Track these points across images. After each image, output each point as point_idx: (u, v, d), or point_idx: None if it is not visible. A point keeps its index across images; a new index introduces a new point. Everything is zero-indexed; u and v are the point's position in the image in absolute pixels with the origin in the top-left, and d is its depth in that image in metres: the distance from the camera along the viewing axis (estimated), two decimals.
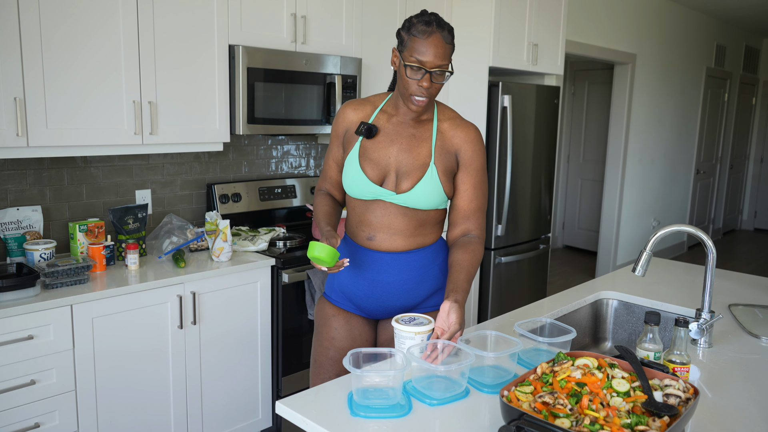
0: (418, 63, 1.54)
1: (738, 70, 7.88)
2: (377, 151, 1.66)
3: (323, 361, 1.76)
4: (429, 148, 1.66)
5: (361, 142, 1.67)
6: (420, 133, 1.67)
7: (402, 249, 1.68)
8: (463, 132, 1.68)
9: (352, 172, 1.67)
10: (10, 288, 1.96)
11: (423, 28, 1.54)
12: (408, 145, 1.66)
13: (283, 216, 3.23)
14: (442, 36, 1.54)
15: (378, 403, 1.28)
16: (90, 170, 2.61)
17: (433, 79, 1.57)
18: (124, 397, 2.24)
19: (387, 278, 1.69)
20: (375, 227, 1.68)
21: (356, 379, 1.30)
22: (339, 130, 1.74)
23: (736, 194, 8.72)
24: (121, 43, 2.29)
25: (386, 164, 1.66)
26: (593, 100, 6.82)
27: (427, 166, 1.64)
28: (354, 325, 1.76)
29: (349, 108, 1.74)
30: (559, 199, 7.12)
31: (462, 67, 3.62)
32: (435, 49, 1.53)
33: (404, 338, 1.48)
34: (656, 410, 1.12)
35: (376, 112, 1.71)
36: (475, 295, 3.72)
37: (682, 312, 2.01)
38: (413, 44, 1.55)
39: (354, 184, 1.67)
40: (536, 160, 3.89)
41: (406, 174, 1.64)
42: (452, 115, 1.71)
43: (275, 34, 2.76)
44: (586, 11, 4.97)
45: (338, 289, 1.78)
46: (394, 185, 1.66)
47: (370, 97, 1.76)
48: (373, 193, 1.65)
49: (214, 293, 2.45)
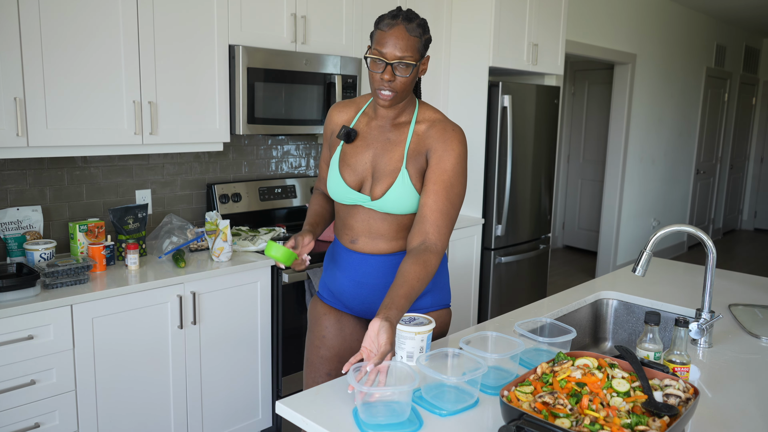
0: (379, 54, 1.50)
1: (738, 70, 7.88)
2: (355, 156, 1.65)
3: (314, 360, 1.76)
4: (402, 152, 1.60)
5: (342, 146, 1.67)
6: (395, 137, 1.62)
7: (384, 252, 1.67)
8: (438, 132, 1.58)
9: (332, 177, 1.66)
10: (10, 288, 1.96)
11: (388, 21, 1.51)
12: (382, 149, 1.62)
13: (283, 216, 3.23)
14: (407, 28, 1.49)
15: (388, 421, 1.22)
16: (90, 170, 2.61)
17: (396, 71, 1.50)
18: (124, 397, 2.24)
19: (371, 281, 1.69)
20: (357, 231, 1.67)
21: (360, 395, 1.25)
22: (327, 132, 1.75)
23: (736, 194, 8.71)
24: (121, 43, 2.29)
25: (363, 170, 1.64)
26: (593, 100, 6.82)
27: (398, 171, 1.59)
28: (345, 323, 1.76)
29: (335, 110, 1.74)
30: (559, 199, 7.12)
31: (462, 67, 3.62)
32: (395, 41, 1.49)
33: (405, 338, 1.46)
34: (656, 410, 1.12)
35: (358, 114, 1.69)
36: (475, 295, 3.72)
37: (682, 312, 2.01)
38: (377, 37, 1.52)
39: (334, 189, 1.66)
40: (536, 160, 3.89)
41: (379, 179, 1.61)
42: (433, 117, 1.63)
43: (275, 34, 2.76)
44: (586, 11, 4.97)
45: (328, 289, 1.79)
46: (369, 191, 1.63)
47: (357, 98, 1.75)
48: (352, 198, 1.64)
49: (214, 293, 2.45)
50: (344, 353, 1.75)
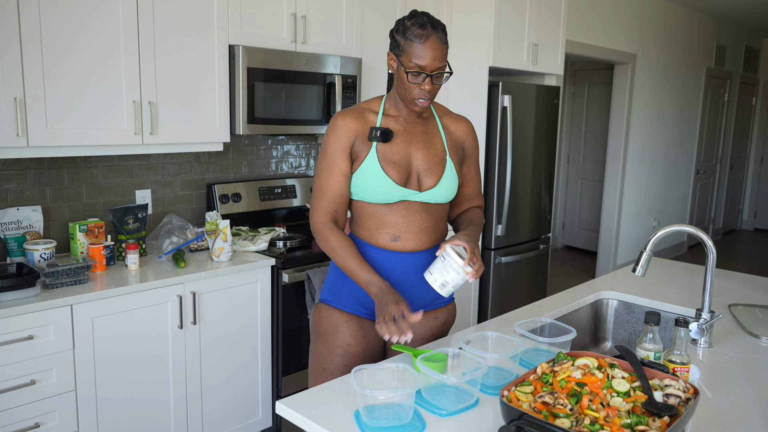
0: (419, 68, 1.56)
1: (738, 70, 7.88)
2: (397, 153, 1.65)
3: (335, 368, 1.71)
4: (442, 143, 1.72)
5: (377, 147, 1.64)
6: (429, 129, 1.72)
7: (426, 246, 1.69)
8: (463, 125, 1.79)
9: (374, 178, 1.63)
10: (10, 288, 1.96)
11: (419, 31, 1.54)
12: (424, 142, 1.69)
13: (283, 216, 3.23)
14: (438, 38, 1.56)
15: (390, 424, 1.22)
16: (90, 170, 2.61)
17: (434, 80, 1.59)
18: (124, 398, 2.24)
19: (410, 278, 1.68)
20: (400, 228, 1.67)
21: (362, 397, 1.24)
22: (343, 141, 1.65)
23: (736, 194, 8.71)
24: (121, 43, 2.29)
25: (408, 164, 1.66)
26: (593, 100, 6.82)
27: (445, 161, 1.70)
28: (367, 329, 1.73)
29: (348, 118, 1.67)
30: (559, 199, 7.12)
31: (462, 67, 3.62)
32: (433, 53, 1.55)
33: (452, 269, 1.53)
34: (656, 410, 1.12)
35: (380, 117, 1.69)
36: (475, 295, 3.72)
37: (682, 312, 2.01)
38: (411, 49, 1.55)
39: (378, 189, 1.63)
40: (536, 160, 3.89)
41: (428, 171, 1.67)
42: (446, 110, 1.80)
43: (275, 34, 2.76)
44: (586, 11, 4.97)
45: (349, 295, 1.73)
46: (417, 184, 1.67)
47: (361, 104, 1.72)
48: (401, 194, 1.64)
49: (214, 293, 2.45)
50: (368, 361, 1.73)
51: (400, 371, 1.33)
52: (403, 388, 1.27)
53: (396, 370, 1.33)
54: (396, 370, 1.34)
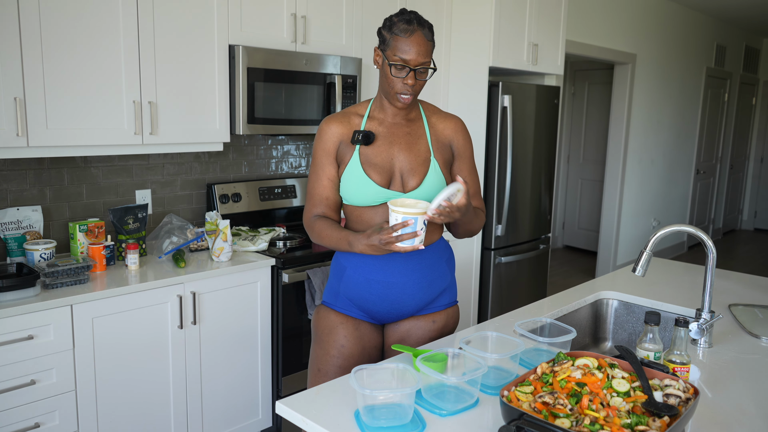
0: (402, 61, 1.59)
1: (738, 70, 7.88)
2: (379, 156, 1.67)
3: (329, 369, 1.72)
4: (426, 144, 1.71)
5: (360, 150, 1.67)
6: (414, 131, 1.72)
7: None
8: (452, 123, 1.76)
9: (357, 181, 1.65)
10: (10, 288, 1.96)
11: (404, 26, 1.59)
12: (407, 144, 1.69)
13: (283, 216, 3.23)
14: (423, 33, 1.60)
15: (390, 424, 1.22)
16: (90, 170, 2.61)
17: (417, 76, 1.62)
18: (124, 397, 2.24)
19: (401, 279, 1.69)
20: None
21: (362, 398, 1.25)
22: (329, 146, 1.69)
23: (736, 194, 8.72)
24: (121, 43, 2.29)
25: (390, 166, 1.67)
26: (593, 100, 6.82)
27: (428, 161, 1.69)
28: (363, 331, 1.74)
29: (333, 123, 1.70)
30: (559, 199, 7.12)
31: (462, 67, 3.62)
32: (418, 47, 1.58)
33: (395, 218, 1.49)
34: (656, 410, 1.12)
35: (364, 120, 1.71)
36: (475, 295, 3.72)
37: (682, 312, 2.01)
38: (396, 43, 1.59)
39: (361, 192, 1.66)
40: (536, 160, 3.89)
41: (411, 172, 1.67)
42: (435, 110, 1.79)
43: (275, 34, 2.77)
44: (586, 11, 4.97)
45: (345, 297, 1.75)
46: (400, 185, 1.68)
47: (349, 108, 1.76)
48: (383, 196, 1.66)
49: (214, 293, 2.45)
50: (363, 362, 1.73)
51: (400, 371, 1.33)
52: (403, 388, 1.27)
53: (396, 370, 1.33)
54: (396, 370, 1.34)
